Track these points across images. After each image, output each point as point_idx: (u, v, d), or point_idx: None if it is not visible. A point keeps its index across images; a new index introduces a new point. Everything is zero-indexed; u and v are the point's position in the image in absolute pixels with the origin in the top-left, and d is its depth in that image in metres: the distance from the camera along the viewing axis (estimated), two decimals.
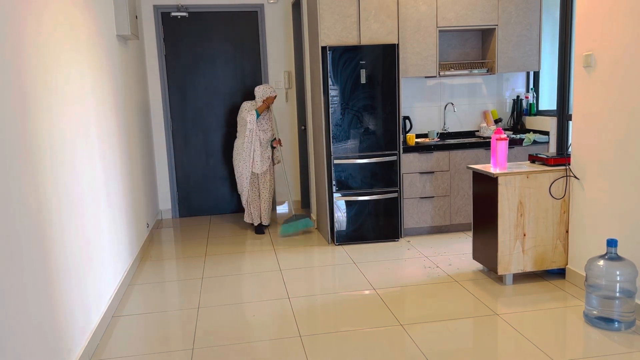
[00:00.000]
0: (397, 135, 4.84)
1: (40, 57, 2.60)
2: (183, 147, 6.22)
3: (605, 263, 3.05)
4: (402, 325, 3.22)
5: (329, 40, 4.69)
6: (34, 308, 2.31)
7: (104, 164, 3.72)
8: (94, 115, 3.55)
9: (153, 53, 5.98)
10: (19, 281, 2.19)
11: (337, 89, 4.70)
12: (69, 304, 2.77)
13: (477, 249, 4.03)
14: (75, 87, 3.16)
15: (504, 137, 3.79)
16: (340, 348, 2.97)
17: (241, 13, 6.11)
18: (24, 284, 2.23)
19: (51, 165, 2.65)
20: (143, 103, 5.60)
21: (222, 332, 3.24)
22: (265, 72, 6.20)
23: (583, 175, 3.60)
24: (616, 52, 3.23)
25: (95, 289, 3.26)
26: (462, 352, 2.87)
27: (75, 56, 3.20)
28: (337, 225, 4.87)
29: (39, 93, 2.56)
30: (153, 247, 5.13)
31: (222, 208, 6.39)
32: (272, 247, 4.97)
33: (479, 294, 3.63)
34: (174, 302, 3.75)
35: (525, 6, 5.06)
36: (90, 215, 3.28)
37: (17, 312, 2.15)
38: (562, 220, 3.77)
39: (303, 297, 3.73)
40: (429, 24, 4.96)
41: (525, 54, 5.14)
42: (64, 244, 2.76)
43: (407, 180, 4.95)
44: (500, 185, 3.67)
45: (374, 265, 4.32)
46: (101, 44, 3.87)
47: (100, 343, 3.17)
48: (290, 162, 6.42)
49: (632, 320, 3.06)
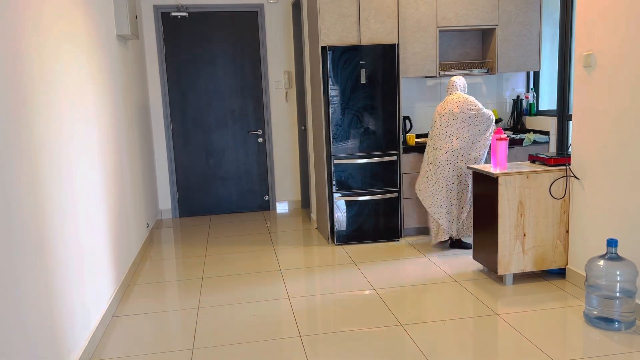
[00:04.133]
0: (397, 135, 4.83)
1: (39, 57, 2.60)
2: (183, 147, 6.22)
3: (606, 263, 3.05)
4: (402, 325, 3.22)
5: (329, 40, 4.69)
6: (33, 308, 2.31)
7: (104, 164, 3.72)
8: (93, 115, 3.54)
9: (153, 53, 5.98)
10: (19, 281, 2.19)
11: (337, 89, 4.70)
12: (69, 304, 2.77)
13: (477, 249, 4.03)
14: (74, 87, 3.16)
15: (504, 137, 3.79)
16: (340, 348, 2.97)
17: (241, 13, 6.11)
18: (23, 284, 2.23)
19: (50, 165, 2.65)
20: (143, 103, 5.60)
21: (222, 332, 3.24)
22: (265, 72, 6.20)
23: (583, 175, 3.60)
24: (616, 52, 3.23)
25: (95, 289, 3.26)
26: (462, 352, 2.87)
27: (74, 56, 3.20)
28: (337, 225, 4.87)
29: (38, 93, 2.56)
30: (153, 247, 5.13)
31: (222, 208, 6.39)
32: (272, 247, 4.97)
33: (479, 294, 3.63)
34: (174, 302, 3.75)
35: (525, 6, 5.06)
36: (90, 215, 3.28)
37: (17, 312, 2.15)
38: (562, 220, 3.77)
39: (303, 297, 3.73)
40: (429, 24, 4.96)
41: (525, 54, 5.14)
42: (64, 244, 2.76)
43: (407, 180, 4.95)
44: (501, 185, 3.67)
45: (374, 265, 4.32)
46: (101, 44, 3.87)
47: (100, 343, 3.17)
48: (290, 162, 6.42)
49: (632, 320, 3.06)
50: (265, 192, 6.44)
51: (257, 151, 6.35)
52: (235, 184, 6.37)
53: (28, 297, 2.26)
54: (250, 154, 6.34)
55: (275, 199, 6.45)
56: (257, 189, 6.42)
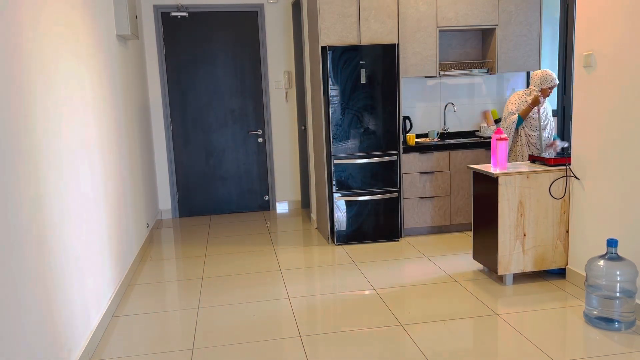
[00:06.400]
0: (397, 135, 4.83)
1: (39, 57, 2.60)
2: (183, 147, 6.22)
3: (606, 263, 3.05)
4: (402, 325, 3.22)
5: (329, 40, 4.69)
6: (34, 308, 2.31)
7: (103, 164, 3.72)
8: (93, 115, 3.54)
9: (153, 53, 5.98)
10: (19, 281, 2.19)
11: (337, 89, 4.70)
12: (69, 304, 2.77)
13: (477, 249, 4.03)
14: (74, 87, 3.16)
15: (504, 137, 3.79)
16: (340, 348, 2.97)
17: (241, 13, 6.11)
18: (23, 284, 2.23)
19: (50, 165, 2.65)
20: (143, 103, 5.60)
21: (222, 332, 3.24)
22: (265, 72, 6.20)
23: (583, 175, 3.60)
24: (616, 52, 3.23)
25: (95, 289, 3.26)
26: (462, 352, 2.87)
27: (74, 56, 3.20)
28: (337, 225, 4.87)
29: (38, 93, 2.56)
30: (153, 247, 5.13)
31: (222, 208, 6.39)
32: (272, 247, 4.97)
33: (479, 294, 3.63)
34: (174, 302, 3.75)
35: (525, 6, 5.06)
36: (90, 215, 3.28)
37: (17, 312, 2.15)
38: (562, 220, 3.77)
39: (303, 297, 3.73)
40: (429, 24, 4.96)
41: (525, 54, 5.14)
42: (64, 244, 2.76)
43: (407, 180, 4.95)
44: (501, 185, 3.67)
45: (374, 265, 4.32)
46: (101, 44, 3.87)
47: (100, 343, 3.17)
48: (290, 162, 6.42)
49: (632, 320, 3.06)
50: (265, 192, 6.44)
51: (257, 151, 6.35)
52: (235, 184, 6.37)
53: (28, 297, 2.26)
54: (250, 154, 6.34)
55: (275, 199, 6.45)
56: (257, 189, 6.42)
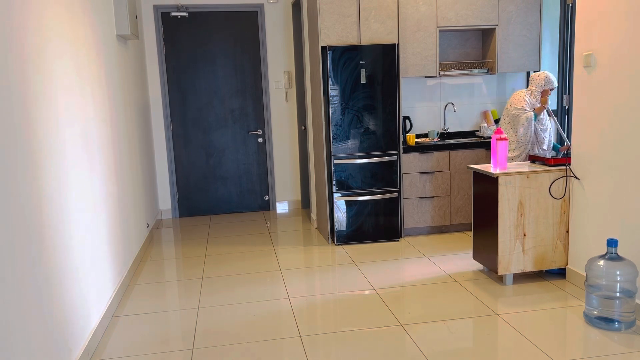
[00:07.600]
0: (397, 135, 4.83)
1: (39, 57, 2.60)
2: (183, 147, 6.22)
3: (606, 263, 3.05)
4: (402, 325, 3.22)
5: (329, 40, 4.69)
6: (34, 308, 2.31)
7: (104, 164, 3.72)
8: (93, 115, 3.54)
9: (153, 53, 5.98)
10: (19, 281, 2.19)
11: (337, 89, 4.70)
12: (69, 304, 2.77)
13: (477, 249, 4.03)
14: (74, 87, 3.16)
15: (504, 137, 3.79)
16: (340, 348, 2.97)
17: (241, 13, 6.11)
18: (23, 284, 2.23)
19: (50, 165, 2.65)
20: (143, 103, 5.60)
21: (222, 332, 3.24)
22: (265, 72, 6.20)
23: (583, 175, 3.60)
24: (616, 52, 3.23)
25: (95, 288, 3.26)
26: (462, 352, 2.87)
27: (74, 56, 3.20)
28: (337, 225, 4.87)
29: (38, 93, 2.56)
30: (153, 247, 5.13)
31: (222, 208, 6.39)
32: (272, 247, 4.97)
33: (479, 294, 3.63)
34: (174, 302, 3.75)
35: (525, 6, 5.06)
36: (90, 215, 3.28)
37: (17, 312, 2.15)
38: (562, 220, 3.77)
39: (303, 297, 3.73)
40: (429, 24, 4.96)
41: (525, 54, 5.14)
42: (64, 244, 2.76)
43: (407, 180, 4.95)
44: (501, 185, 3.67)
45: (374, 265, 4.32)
46: (101, 43, 3.87)
47: (100, 343, 3.17)
48: (290, 162, 6.42)
49: (632, 320, 3.06)
50: (265, 192, 6.44)
51: (257, 151, 6.35)
52: (235, 184, 6.37)
53: (28, 297, 2.26)
54: (250, 153, 6.34)
55: (275, 199, 6.45)
56: (257, 189, 6.42)
